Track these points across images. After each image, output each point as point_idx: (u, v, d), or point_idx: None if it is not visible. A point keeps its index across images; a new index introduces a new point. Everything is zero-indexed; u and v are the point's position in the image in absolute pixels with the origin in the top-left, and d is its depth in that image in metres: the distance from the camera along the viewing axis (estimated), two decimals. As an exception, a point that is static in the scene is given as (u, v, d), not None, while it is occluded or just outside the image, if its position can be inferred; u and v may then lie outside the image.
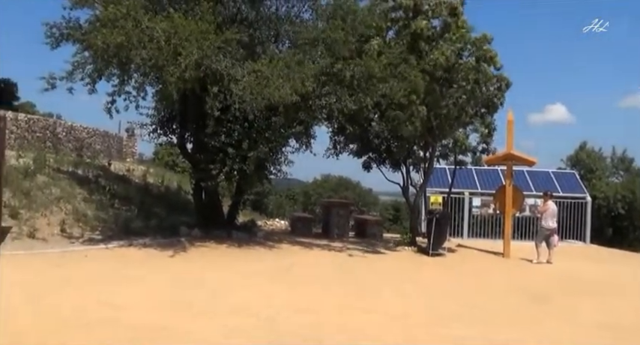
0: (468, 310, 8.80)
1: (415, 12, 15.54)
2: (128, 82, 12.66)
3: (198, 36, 11.57)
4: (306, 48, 13.83)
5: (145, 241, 13.39)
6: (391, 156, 17.57)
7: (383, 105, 14.63)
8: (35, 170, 14.56)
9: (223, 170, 13.88)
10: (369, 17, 14.73)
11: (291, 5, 14.81)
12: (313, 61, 13.33)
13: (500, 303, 9.64)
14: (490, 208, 20.32)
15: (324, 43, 13.90)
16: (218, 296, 8.66)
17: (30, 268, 9.57)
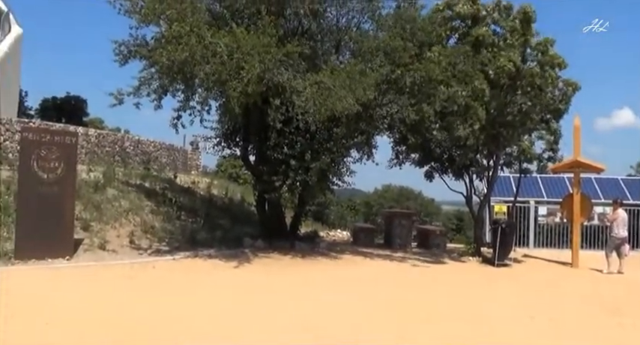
0: (539, 321, 8.54)
1: (474, 20, 15.34)
2: (192, 97, 12.92)
3: (260, 50, 11.69)
4: (367, 57, 13.81)
5: (211, 252, 13.55)
6: (454, 165, 17.33)
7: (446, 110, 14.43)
8: (105, 184, 14.97)
9: (286, 182, 13.96)
10: (430, 26, 14.61)
11: (351, 16, 14.81)
12: (373, 70, 13.28)
13: (573, 315, 9.35)
14: (557, 217, 19.80)
15: (383, 51, 13.86)
16: (282, 307, 8.67)
17: (102, 280, 9.83)
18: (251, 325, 7.39)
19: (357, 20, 14.93)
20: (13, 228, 11.08)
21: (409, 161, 18.10)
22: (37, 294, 8.42)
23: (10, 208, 11.72)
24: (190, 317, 7.56)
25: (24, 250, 10.63)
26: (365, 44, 13.95)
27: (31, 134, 11.37)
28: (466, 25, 15.48)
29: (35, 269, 10.19)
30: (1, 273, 9.59)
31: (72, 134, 12.65)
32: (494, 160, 17.28)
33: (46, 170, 11.11)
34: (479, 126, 14.69)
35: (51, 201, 11.11)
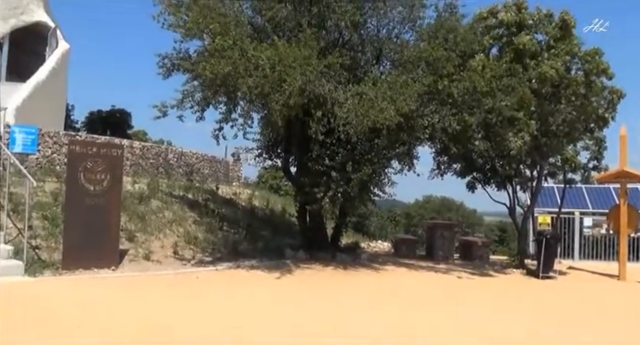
0: (589, 337, 8.33)
1: (518, 28, 15.16)
2: (235, 110, 13.05)
3: (302, 62, 11.75)
4: (409, 67, 13.77)
5: (253, 262, 13.60)
6: (496, 175, 17.12)
7: (490, 120, 14.27)
8: (149, 195, 15.18)
9: (327, 193, 13.96)
10: (472, 35, 14.50)
11: (391, 27, 14.79)
12: (415, 80, 13.22)
13: (624, 329, 9.07)
14: (603, 229, 19.37)
15: (425, 61, 13.80)
16: (324, 318, 8.63)
17: (147, 289, 9.95)
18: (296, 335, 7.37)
19: (398, 30, 14.92)
20: (60, 239, 11.29)
21: (451, 172, 17.95)
22: (82, 303, 8.55)
23: (58, 219, 11.96)
24: (236, 327, 7.59)
25: (71, 260, 10.81)
26: (406, 54, 13.91)
27: (78, 147, 11.61)
28: (510, 33, 15.32)
29: (82, 279, 10.35)
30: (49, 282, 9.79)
31: (118, 147, 12.87)
32: (537, 170, 17.03)
33: (93, 182, 11.31)
34: (529, 137, 14.48)
35: (97, 212, 11.29)
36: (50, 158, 16.16)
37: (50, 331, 6.84)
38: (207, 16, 12.13)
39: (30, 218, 11.15)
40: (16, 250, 10.46)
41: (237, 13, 13.27)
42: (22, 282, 9.64)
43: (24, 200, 11.66)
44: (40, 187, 12.91)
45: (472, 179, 18.14)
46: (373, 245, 22.38)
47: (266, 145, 15.61)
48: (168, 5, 12.79)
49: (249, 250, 14.67)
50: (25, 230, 10.67)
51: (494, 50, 15.96)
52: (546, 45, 15.25)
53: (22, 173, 11.38)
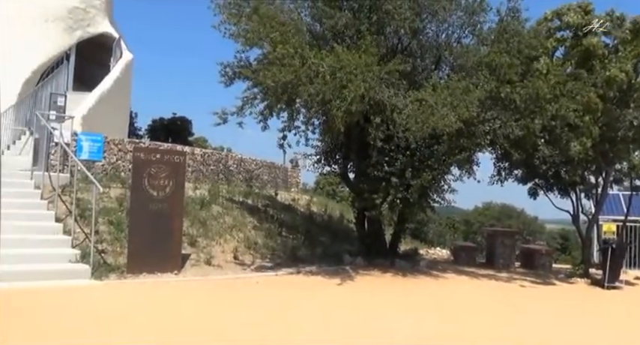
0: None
1: (584, 30, 14.75)
2: (297, 117, 13.12)
3: (363, 69, 11.71)
4: (471, 72, 13.57)
5: (312, 268, 13.63)
6: (560, 182, 16.66)
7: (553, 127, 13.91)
8: (210, 201, 15.38)
9: (386, 199, 13.86)
10: (535, 39, 14.18)
11: (451, 32, 14.63)
12: (477, 86, 13.01)
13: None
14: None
15: (487, 67, 13.56)
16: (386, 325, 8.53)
17: (208, 293, 10.08)
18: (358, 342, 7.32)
19: (458, 35, 14.74)
20: (125, 243, 11.55)
21: (512, 178, 17.59)
22: (147, 306, 8.70)
23: (122, 224, 12.25)
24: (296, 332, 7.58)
25: (136, 264, 11.05)
26: (470, 60, 13.69)
27: (142, 154, 11.86)
28: (575, 35, 14.92)
29: (146, 283, 10.56)
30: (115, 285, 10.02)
31: (180, 153, 13.09)
32: (603, 176, 16.50)
33: (156, 188, 11.54)
34: (591, 143, 14.05)
35: (161, 217, 11.51)
36: (115, 165, 16.58)
37: (117, 333, 6.98)
38: (267, 24, 12.23)
39: (96, 223, 11.47)
40: (83, 254, 10.75)
41: (297, 22, 13.34)
42: (89, 285, 9.91)
43: (90, 206, 12.00)
44: (106, 193, 13.24)
45: (534, 185, 17.72)
46: (432, 252, 22.10)
47: (325, 151, 15.62)
48: (229, 15, 12.97)
49: (308, 256, 14.71)
50: (92, 235, 10.97)
51: (558, 53, 15.55)
52: (614, 48, 14.78)
53: (89, 180, 11.70)
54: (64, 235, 11.29)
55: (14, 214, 11.39)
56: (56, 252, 10.70)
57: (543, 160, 15.50)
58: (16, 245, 10.35)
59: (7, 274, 9.44)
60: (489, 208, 49.26)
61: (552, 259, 19.89)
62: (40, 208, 12.05)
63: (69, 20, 20.28)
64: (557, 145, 14.48)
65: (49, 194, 12.56)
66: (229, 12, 13.02)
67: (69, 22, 20.28)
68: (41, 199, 12.33)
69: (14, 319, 7.30)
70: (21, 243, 10.49)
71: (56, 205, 12.15)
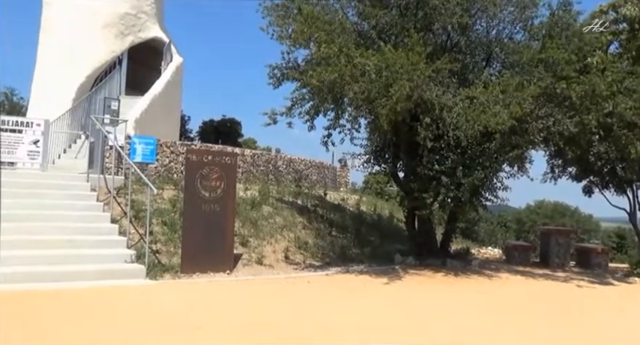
0: None
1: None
2: (342, 116, 13.09)
3: (408, 68, 11.60)
4: (525, 68, 13.31)
5: (362, 268, 13.61)
6: (616, 179, 16.19)
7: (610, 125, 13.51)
8: (261, 201, 15.50)
9: (437, 198, 13.69)
10: (589, 34, 13.79)
11: (501, 28, 14.35)
12: (530, 82, 12.74)
13: None
14: None
15: (541, 63, 13.27)
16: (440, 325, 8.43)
17: (260, 293, 10.14)
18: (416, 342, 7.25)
19: (509, 31, 14.45)
20: (179, 243, 11.72)
21: (565, 175, 17.19)
22: (201, 305, 8.80)
23: (176, 224, 12.44)
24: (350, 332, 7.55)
25: (189, 264, 11.21)
26: (524, 56, 13.41)
27: (195, 155, 12.01)
28: (632, 28, 14.45)
29: (199, 282, 10.69)
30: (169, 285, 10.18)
31: (231, 155, 13.22)
32: (662, 173, 15.95)
33: (208, 189, 11.68)
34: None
35: (213, 218, 11.66)
36: (168, 167, 16.87)
37: (173, 332, 7.08)
38: (313, 25, 12.23)
39: (150, 224, 11.67)
40: (138, 255, 10.97)
41: (342, 21, 13.30)
42: (144, 285, 10.08)
43: (144, 207, 12.24)
44: (159, 195, 13.48)
45: (589, 183, 17.30)
46: (483, 251, 21.78)
47: (373, 151, 15.53)
48: (276, 17, 13.04)
49: (358, 255, 14.69)
50: (147, 236, 11.18)
51: (614, 47, 15.11)
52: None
53: (143, 181, 11.92)
54: (120, 236, 11.54)
55: (72, 215, 11.72)
56: (112, 252, 10.93)
57: (598, 156, 15.11)
58: (73, 246, 10.65)
59: (65, 274, 9.70)
60: (542, 207, 48.21)
61: (608, 259, 19.32)
62: (96, 210, 12.35)
63: (121, 26, 20.76)
64: (616, 145, 14.06)
65: (104, 196, 12.86)
66: (277, 14, 13.09)
67: (121, 27, 20.76)
68: (97, 201, 12.63)
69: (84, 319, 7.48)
70: (78, 244, 10.78)
71: (111, 207, 12.42)
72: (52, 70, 19.76)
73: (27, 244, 10.29)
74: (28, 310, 7.80)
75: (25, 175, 13.18)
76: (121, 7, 20.73)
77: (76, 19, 20.06)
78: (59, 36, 20.06)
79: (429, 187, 13.62)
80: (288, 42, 12.96)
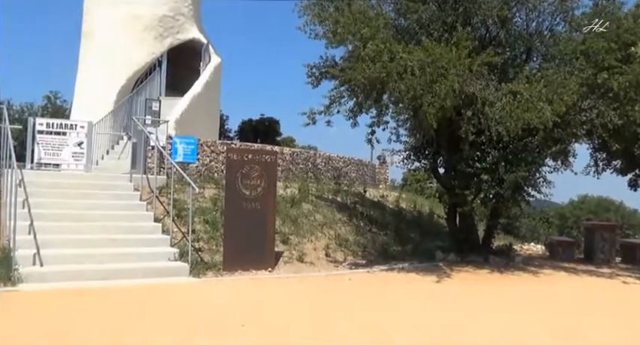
0: None
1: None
2: (386, 113, 13.02)
3: (454, 63, 11.46)
4: (566, 60, 13.04)
5: (404, 265, 13.51)
6: (663, 172, 15.75)
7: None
8: (300, 199, 15.51)
9: (479, 195, 13.51)
10: (635, 24, 13.43)
11: (542, 19, 14.07)
12: (572, 75, 12.47)
13: None
14: None
15: (582, 54, 12.98)
16: (486, 323, 8.31)
17: (302, 290, 10.17)
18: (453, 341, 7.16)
19: (549, 23, 14.16)
20: (220, 242, 11.82)
21: (610, 169, 16.78)
22: (245, 302, 8.85)
23: (217, 223, 12.54)
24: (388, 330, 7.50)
25: (231, 262, 11.30)
26: (565, 48, 13.14)
27: (235, 154, 12.09)
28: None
29: (242, 280, 10.78)
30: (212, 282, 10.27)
31: (271, 153, 13.26)
32: None
33: (249, 187, 11.75)
34: None
35: (254, 216, 11.72)
36: (208, 166, 17.02)
37: (217, 330, 7.14)
38: (358, 20, 12.17)
39: (193, 223, 11.78)
40: (181, 253, 11.10)
41: (385, 16, 13.18)
42: (188, 282, 10.20)
43: (186, 206, 12.37)
44: (201, 194, 13.60)
45: (634, 176, 16.85)
46: (526, 248, 21.43)
47: (414, 147, 15.40)
48: (314, 16, 13.01)
49: (399, 253, 14.60)
50: (189, 234, 11.30)
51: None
52: None
53: (185, 181, 12.05)
54: (163, 235, 11.69)
55: (117, 215, 11.93)
56: (156, 251, 11.09)
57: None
58: (118, 245, 10.84)
59: (112, 272, 9.89)
60: (585, 201, 47.07)
61: (656, 254, 18.82)
62: (139, 209, 12.53)
63: (159, 28, 20.99)
64: None
65: (147, 195, 13.04)
66: (314, 13, 13.06)
67: (159, 30, 21.00)
68: (140, 201, 12.82)
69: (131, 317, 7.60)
70: (123, 242, 10.96)
71: (154, 206, 12.60)
72: (93, 74, 20.09)
73: (75, 243, 10.50)
74: (80, 307, 7.95)
75: (70, 176, 13.43)
76: (159, 9, 20.97)
77: (116, 23, 20.38)
78: (100, 40, 20.40)
79: (470, 183, 13.46)
80: (329, 39, 12.90)
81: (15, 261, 9.28)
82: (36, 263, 9.58)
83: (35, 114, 33.37)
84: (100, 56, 20.23)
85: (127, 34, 20.37)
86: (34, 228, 10.21)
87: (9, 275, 9.00)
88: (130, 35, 20.39)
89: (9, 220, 10.09)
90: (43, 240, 10.04)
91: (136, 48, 20.45)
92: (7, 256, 9.48)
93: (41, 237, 10.08)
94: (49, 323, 7.02)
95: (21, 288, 8.78)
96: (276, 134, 33.12)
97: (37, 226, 10.27)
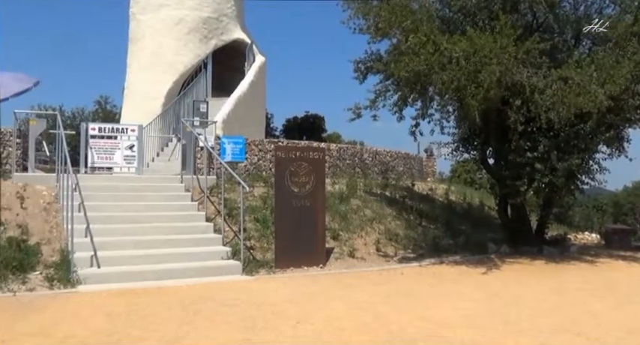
0: None
1: None
2: (430, 105, 12.86)
3: (498, 52, 11.24)
4: (618, 43, 12.65)
5: (456, 258, 13.39)
6: None
7: None
8: (349, 195, 15.49)
9: (531, 185, 13.25)
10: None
11: (590, 3, 13.70)
12: (626, 58, 12.08)
13: None
14: None
15: (634, 36, 12.57)
16: (538, 314, 8.13)
17: (355, 286, 10.10)
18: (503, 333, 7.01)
19: (597, 6, 13.78)
20: (271, 239, 11.88)
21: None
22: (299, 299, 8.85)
23: (268, 221, 12.60)
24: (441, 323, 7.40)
25: (283, 259, 11.34)
26: (616, 31, 12.74)
27: (283, 152, 12.12)
28: None
29: (295, 277, 10.81)
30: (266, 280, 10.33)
31: (319, 150, 13.27)
32: None
33: (298, 185, 11.77)
34: None
35: (304, 213, 11.74)
36: (257, 165, 17.14)
37: (275, 326, 7.15)
38: (399, 13, 12.05)
39: (244, 221, 11.86)
40: (234, 251, 11.18)
41: (428, 7, 13.02)
42: (242, 280, 10.28)
43: (237, 205, 12.48)
44: (250, 192, 13.67)
45: (693, 161, 16.28)
46: (580, 237, 20.94)
47: (462, 138, 15.19)
48: (357, 9, 12.94)
49: (451, 246, 14.47)
50: (241, 233, 11.38)
51: None
52: None
53: (234, 180, 12.15)
54: (215, 234, 11.81)
55: (170, 216, 12.10)
56: (209, 250, 11.21)
57: None
58: (172, 245, 10.99)
59: (167, 271, 10.02)
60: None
61: None
62: (191, 210, 12.69)
63: (204, 30, 21.22)
64: None
65: (198, 196, 13.19)
66: (357, 6, 13.00)
67: (204, 32, 21.23)
68: (191, 201, 12.98)
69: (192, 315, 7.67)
70: (177, 243, 11.11)
71: (205, 206, 12.73)
72: (141, 78, 20.48)
73: (130, 244, 10.70)
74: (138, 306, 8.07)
75: (123, 178, 13.72)
76: (203, 11, 21.19)
77: (160, 27, 20.69)
78: (146, 45, 20.76)
79: (522, 173, 13.20)
80: (372, 33, 12.82)
81: (73, 263, 9.49)
82: (93, 265, 9.80)
83: (87, 119, 34.21)
84: (146, 60, 20.59)
85: (172, 37, 20.66)
86: (90, 231, 10.43)
87: (68, 277, 9.22)
88: (175, 38, 20.68)
89: (66, 224, 10.34)
90: (99, 242, 10.27)
91: (182, 51, 20.73)
92: (65, 259, 9.71)
93: (97, 239, 10.30)
94: (109, 323, 7.15)
95: (80, 289, 8.98)
96: (321, 131, 33.12)
97: (93, 228, 10.50)
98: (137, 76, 20.68)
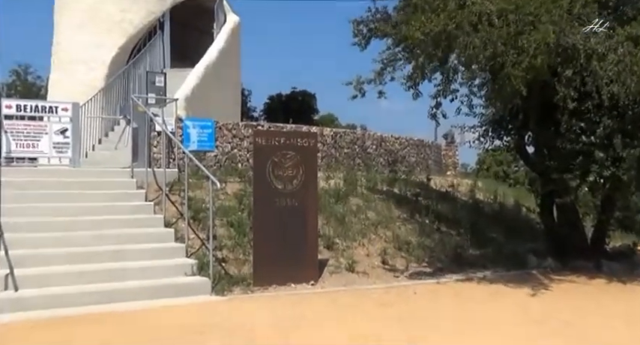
0: None
1: None
2: (454, 79, 12.67)
3: (549, 6, 11.04)
4: None
5: (485, 274, 13.35)
6: None
7: None
8: (347, 192, 15.48)
9: (586, 179, 13.14)
10: None
11: None
12: None
13: None
14: None
15: None
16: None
17: (355, 309, 10.00)
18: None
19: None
20: (249, 249, 11.75)
21: None
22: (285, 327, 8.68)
23: (244, 225, 12.47)
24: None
25: (263, 274, 11.19)
26: None
27: (263, 139, 11.96)
28: None
29: (278, 297, 10.68)
30: (241, 301, 10.16)
31: (309, 135, 13.15)
32: None
33: (283, 179, 11.64)
34: None
35: (290, 215, 11.61)
36: (230, 155, 16.97)
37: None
38: None
39: (214, 226, 11.69)
40: (201, 265, 11.01)
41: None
42: (210, 302, 10.11)
43: (204, 205, 12.34)
44: (222, 189, 13.54)
45: None
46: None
47: (492, 121, 15.00)
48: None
49: (478, 258, 14.49)
50: (210, 241, 11.22)
51: None
52: None
53: (201, 174, 12.02)
54: (176, 243, 11.64)
55: (117, 220, 11.90)
56: (169, 263, 11.00)
57: None
58: (120, 258, 10.75)
59: (111, 293, 9.72)
60: None
61: None
62: (145, 212, 12.50)
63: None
64: None
65: (154, 194, 13.04)
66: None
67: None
68: (146, 201, 12.81)
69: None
70: (126, 255, 10.86)
71: (164, 207, 12.54)
72: (75, 40, 19.73)
73: (61, 258, 10.35)
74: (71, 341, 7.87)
75: (53, 172, 13.41)
76: (158, -44, 20.81)
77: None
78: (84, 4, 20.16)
79: (573, 164, 13.10)
80: None
81: (-23, 286, 9.20)
82: (9, 287, 9.45)
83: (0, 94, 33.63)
84: (82, 16, 19.87)
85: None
86: (4, 241, 10.02)
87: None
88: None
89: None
90: (18, 256, 9.86)
91: (130, 6, 20.28)
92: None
93: (15, 252, 9.90)
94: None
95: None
96: (312, 112, 33.18)
97: (9, 239, 10.10)
98: (70, 39, 19.88)
